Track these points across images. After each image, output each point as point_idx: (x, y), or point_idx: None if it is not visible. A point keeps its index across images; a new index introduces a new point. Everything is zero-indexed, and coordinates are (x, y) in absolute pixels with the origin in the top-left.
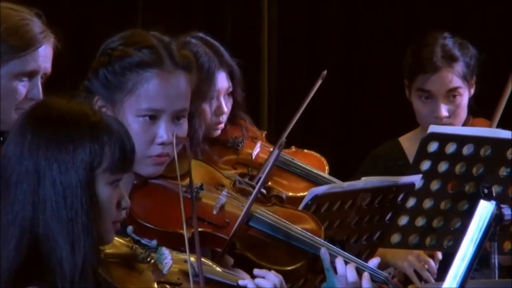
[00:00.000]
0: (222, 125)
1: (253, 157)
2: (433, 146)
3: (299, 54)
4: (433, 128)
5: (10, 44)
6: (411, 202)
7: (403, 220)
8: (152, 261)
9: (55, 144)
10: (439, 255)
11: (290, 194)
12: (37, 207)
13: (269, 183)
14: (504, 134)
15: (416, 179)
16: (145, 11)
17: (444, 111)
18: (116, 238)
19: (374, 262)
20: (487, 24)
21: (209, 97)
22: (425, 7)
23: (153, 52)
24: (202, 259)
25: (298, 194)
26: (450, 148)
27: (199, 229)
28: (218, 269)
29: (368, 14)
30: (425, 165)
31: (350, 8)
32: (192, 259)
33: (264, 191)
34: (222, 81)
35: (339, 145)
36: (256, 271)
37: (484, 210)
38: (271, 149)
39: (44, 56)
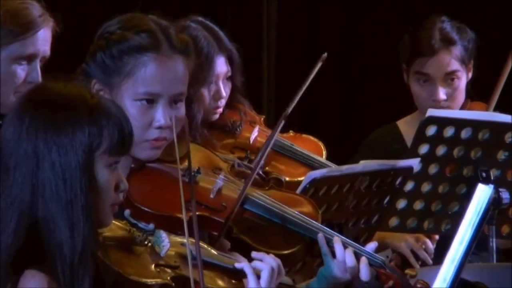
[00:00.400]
0: (221, 110)
1: (251, 141)
2: (431, 130)
3: (298, 39)
4: (431, 112)
5: (9, 27)
6: (409, 185)
7: (401, 204)
8: (150, 244)
9: (54, 127)
10: (436, 235)
11: (288, 179)
12: (36, 190)
13: (267, 168)
14: (503, 117)
15: (414, 163)
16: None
17: (442, 94)
18: (113, 221)
19: (371, 246)
20: (487, 24)
21: (207, 82)
22: (425, 7)
23: (150, 36)
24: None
25: (296, 179)
26: (448, 131)
27: (196, 213)
28: (214, 252)
29: (368, 14)
30: (423, 148)
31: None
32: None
33: (262, 174)
34: (221, 65)
35: (338, 132)
36: (254, 253)
37: (482, 193)
38: (269, 134)
39: (43, 39)
